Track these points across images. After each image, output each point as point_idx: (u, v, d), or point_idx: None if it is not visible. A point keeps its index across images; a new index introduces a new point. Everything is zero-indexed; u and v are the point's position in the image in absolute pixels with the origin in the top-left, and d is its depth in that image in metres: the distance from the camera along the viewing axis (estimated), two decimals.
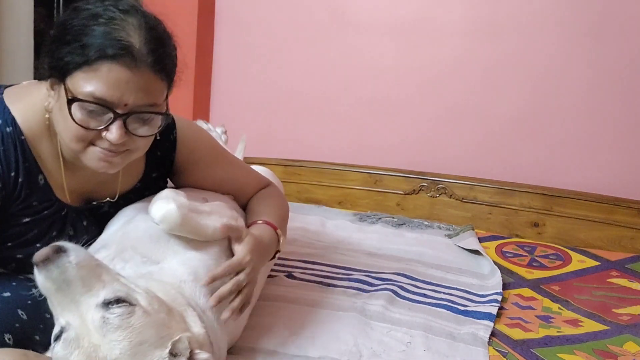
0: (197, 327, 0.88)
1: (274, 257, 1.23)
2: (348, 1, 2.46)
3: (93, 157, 0.96)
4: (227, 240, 1.07)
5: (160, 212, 0.98)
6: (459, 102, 2.35)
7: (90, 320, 0.78)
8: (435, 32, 2.35)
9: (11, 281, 1.03)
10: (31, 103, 1.00)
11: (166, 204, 0.98)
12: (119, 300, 0.79)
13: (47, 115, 0.98)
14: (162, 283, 0.93)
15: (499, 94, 2.30)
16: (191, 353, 0.82)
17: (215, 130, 1.86)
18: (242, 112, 2.67)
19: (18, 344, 0.94)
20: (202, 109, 2.67)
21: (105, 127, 0.92)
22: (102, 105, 0.90)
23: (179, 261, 1.00)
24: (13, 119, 0.97)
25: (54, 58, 0.92)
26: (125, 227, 1.06)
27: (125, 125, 0.92)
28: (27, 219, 1.02)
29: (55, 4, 3.35)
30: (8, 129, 0.96)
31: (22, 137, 0.97)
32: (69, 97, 0.90)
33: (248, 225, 1.20)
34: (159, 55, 0.94)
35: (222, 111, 2.70)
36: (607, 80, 2.16)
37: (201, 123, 1.86)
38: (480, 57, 2.30)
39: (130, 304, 0.79)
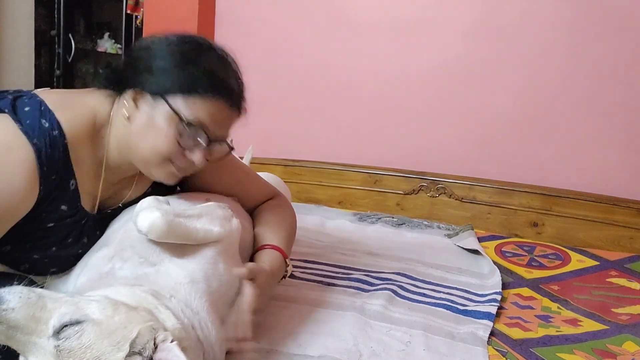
0: (170, 322, 0.87)
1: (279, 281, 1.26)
2: (348, 1, 2.47)
3: (165, 172, 1.06)
4: (224, 242, 1.08)
5: (145, 223, 0.96)
6: (459, 102, 2.36)
7: (49, 354, 0.77)
8: (435, 32, 2.36)
9: (12, 281, 1.04)
10: (78, 111, 1.04)
11: (150, 213, 0.97)
12: (67, 325, 0.78)
13: (128, 123, 1.05)
14: (131, 287, 0.92)
15: (498, 93, 2.31)
16: (155, 340, 0.81)
17: None
18: None
19: None
20: None
21: (193, 150, 1.04)
22: (204, 132, 1.03)
23: (175, 264, 1.00)
24: (58, 123, 1.00)
25: (162, 73, 1.02)
26: (126, 225, 1.06)
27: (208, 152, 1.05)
28: (51, 224, 1.03)
29: (55, 5, 3.35)
30: (54, 132, 0.99)
31: (65, 142, 1.00)
32: (184, 119, 1.01)
33: (258, 249, 1.23)
34: (245, 101, 1.11)
35: None
36: (606, 80, 2.16)
37: None
38: (480, 57, 2.31)
39: (78, 322, 0.78)
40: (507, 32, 2.26)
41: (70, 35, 3.70)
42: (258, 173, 1.51)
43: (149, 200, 1.01)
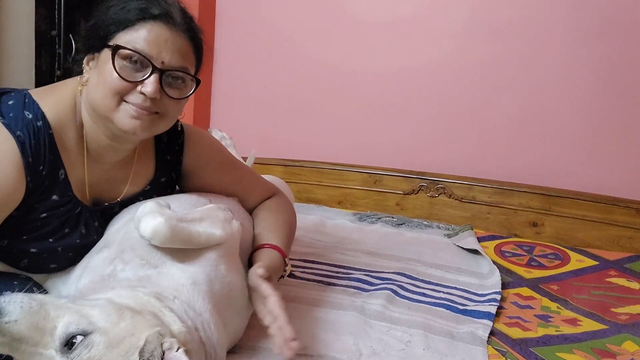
0: (176, 325, 0.87)
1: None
2: (348, 2, 2.47)
3: (125, 114, 1.01)
4: (224, 245, 1.08)
5: (149, 229, 0.96)
6: (458, 102, 2.36)
7: None
8: (435, 33, 2.36)
9: (12, 280, 1.04)
10: (60, 96, 1.06)
11: (153, 218, 0.96)
12: (74, 336, 0.77)
13: (80, 88, 1.05)
14: (132, 289, 0.91)
15: (498, 94, 2.31)
16: (162, 346, 0.81)
17: (228, 139, 1.88)
18: (242, 112, 2.68)
19: None
20: (203, 109, 2.68)
21: (142, 80, 0.99)
22: (142, 56, 0.99)
23: (177, 266, 1.00)
24: (42, 113, 1.01)
25: (96, 28, 1.03)
26: (127, 226, 1.06)
27: (160, 81, 1.00)
28: (45, 214, 1.03)
29: (56, 5, 3.35)
30: (38, 123, 0.99)
31: (50, 132, 1.01)
32: (114, 46, 0.98)
33: (257, 248, 1.22)
34: (192, 27, 1.06)
35: (223, 111, 2.71)
36: (606, 80, 2.17)
37: (215, 131, 1.89)
38: (479, 57, 2.31)
39: (85, 333, 0.77)
40: (507, 33, 2.27)
41: (70, 35, 3.70)
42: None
43: (150, 205, 1.00)
